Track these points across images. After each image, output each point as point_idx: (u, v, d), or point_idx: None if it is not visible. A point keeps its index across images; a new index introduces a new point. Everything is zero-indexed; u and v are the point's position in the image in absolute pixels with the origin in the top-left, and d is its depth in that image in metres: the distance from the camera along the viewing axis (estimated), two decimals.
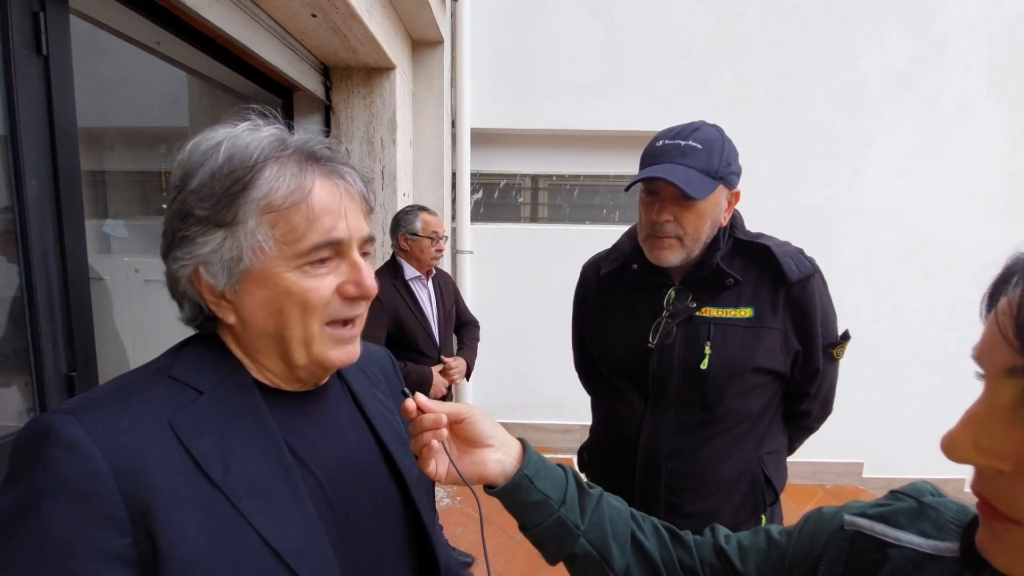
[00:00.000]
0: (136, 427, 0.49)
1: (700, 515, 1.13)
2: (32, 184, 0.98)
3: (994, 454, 0.34)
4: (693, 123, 1.09)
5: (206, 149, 0.54)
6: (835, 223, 3.36)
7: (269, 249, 0.53)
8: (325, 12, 1.82)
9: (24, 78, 0.96)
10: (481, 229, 3.56)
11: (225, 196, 0.52)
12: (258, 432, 0.55)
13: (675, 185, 0.99)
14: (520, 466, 0.63)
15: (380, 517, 0.65)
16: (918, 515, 0.48)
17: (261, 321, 0.56)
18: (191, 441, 0.50)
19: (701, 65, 3.30)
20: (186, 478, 0.49)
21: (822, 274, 1.15)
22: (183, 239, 0.54)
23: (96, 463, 0.46)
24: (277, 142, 0.55)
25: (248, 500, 0.51)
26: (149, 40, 1.58)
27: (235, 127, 0.56)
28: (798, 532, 0.58)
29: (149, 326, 2.32)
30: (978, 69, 3.23)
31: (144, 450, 0.48)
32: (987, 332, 0.36)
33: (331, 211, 0.55)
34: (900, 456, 3.46)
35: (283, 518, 0.52)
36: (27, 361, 1.01)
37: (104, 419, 0.48)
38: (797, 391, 1.18)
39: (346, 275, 0.57)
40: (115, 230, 2.64)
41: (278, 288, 0.54)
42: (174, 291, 0.58)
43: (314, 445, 0.60)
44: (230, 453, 0.52)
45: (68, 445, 0.45)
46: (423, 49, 2.94)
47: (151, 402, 0.51)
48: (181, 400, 0.52)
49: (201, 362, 0.56)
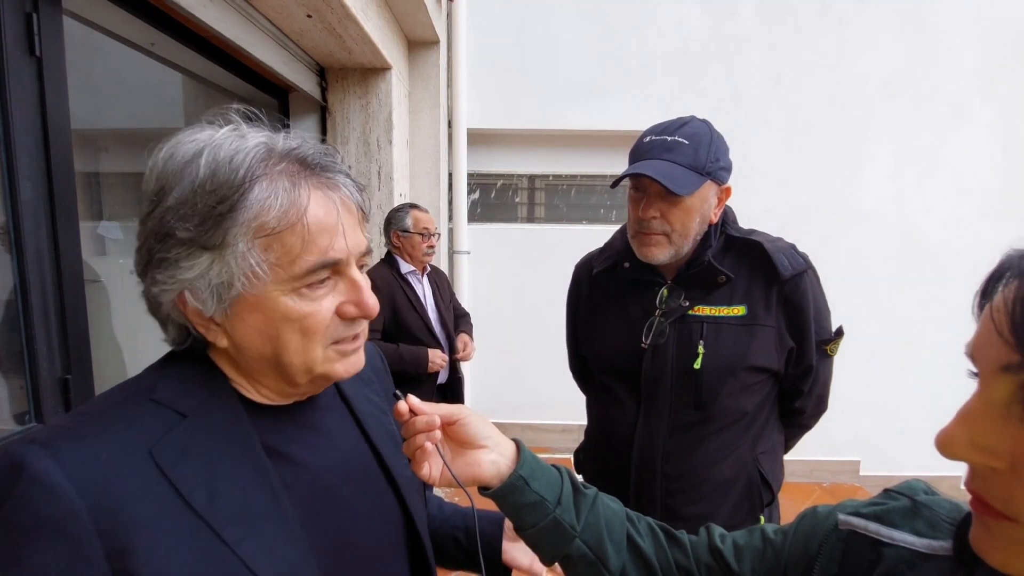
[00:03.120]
0: (115, 459, 0.46)
1: (697, 517, 1.11)
2: (26, 186, 0.98)
3: (988, 451, 0.34)
4: (682, 118, 1.08)
5: (184, 159, 0.48)
6: (829, 222, 3.37)
7: (263, 273, 0.49)
8: (320, 12, 1.82)
9: (17, 79, 0.96)
10: (478, 229, 3.56)
11: (211, 217, 0.47)
12: (244, 455, 0.52)
13: (658, 181, 0.99)
14: (515, 467, 0.62)
15: (375, 523, 0.63)
16: (912, 514, 0.48)
17: (257, 347, 0.52)
18: (173, 470, 0.48)
19: (696, 65, 3.31)
20: (168, 509, 0.47)
21: (815, 270, 1.14)
22: (163, 261, 0.49)
23: (71, 503, 0.43)
24: (265, 153, 0.50)
25: (233, 528, 0.49)
26: (143, 41, 1.58)
27: (216, 131, 0.50)
28: (793, 531, 0.58)
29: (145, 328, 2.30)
30: (970, 69, 3.26)
31: (123, 483, 0.46)
32: (981, 329, 0.36)
33: (328, 229, 0.51)
34: (896, 453, 3.48)
35: (270, 544, 0.50)
36: (21, 364, 1.01)
37: (80, 452, 0.46)
38: (791, 389, 1.17)
39: (345, 294, 0.54)
40: (110, 232, 2.63)
41: (275, 313, 0.51)
42: (155, 312, 0.54)
43: (307, 454, 0.58)
44: (215, 478, 0.50)
45: (41, 483, 0.43)
46: (419, 49, 2.94)
47: (132, 429, 0.49)
48: (163, 425, 0.50)
49: (185, 381, 0.53)
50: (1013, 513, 0.34)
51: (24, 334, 1.00)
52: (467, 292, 3.48)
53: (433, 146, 3.04)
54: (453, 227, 3.43)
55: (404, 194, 2.82)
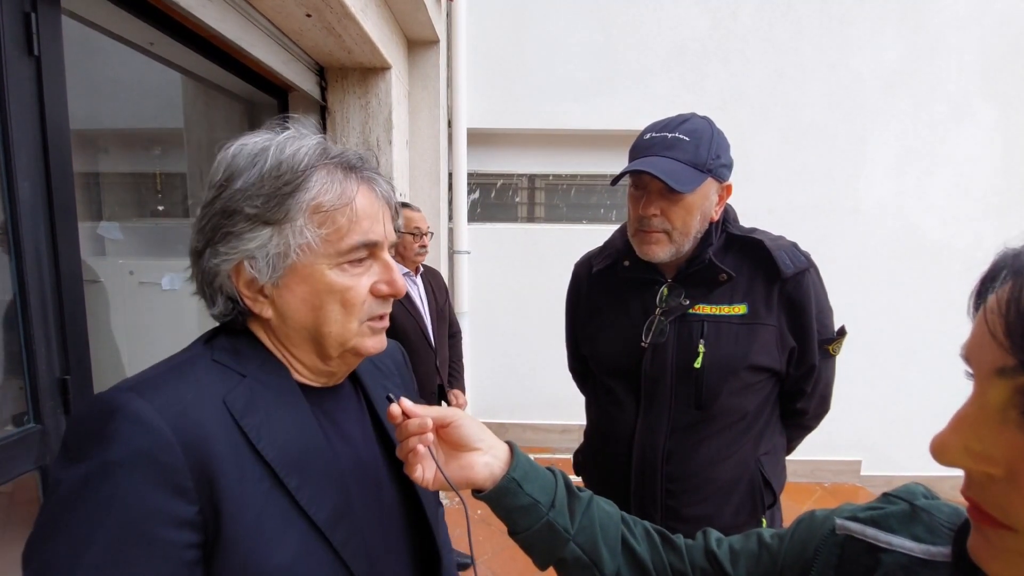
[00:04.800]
0: (197, 403, 0.52)
1: (699, 519, 1.10)
2: (24, 186, 0.97)
3: (984, 458, 0.33)
4: (683, 115, 1.07)
5: (253, 152, 0.57)
6: (830, 221, 3.37)
7: (315, 246, 0.57)
8: (320, 12, 1.81)
9: (16, 79, 0.95)
10: (478, 229, 3.55)
11: (276, 195, 0.56)
12: (297, 414, 0.59)
13: (659, 179, 0.98)
14: (508, 469, 0.62)
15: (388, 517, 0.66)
16: (910, 518, 0.47)
17: (301, 316, 0.59)
18: (243, 418, 0.54)
19: (696, 64, 3.30)
20: (240, 453, 0.53)
21: (817, 269, 1.13)
22: (228, 235, 0.57)
23: (165, 435, 0.48)
24: (322, 150, 0.59)
25: (292, 476, 0.55)
26: (142, 41, 1.58)
27: (278, 134, 0.59)
28: (790, 536, 0.58)
29: (144, 328, 2.31)
30: (971, 67, 3.25)
31: (205, 423, 0.51)
32: (975, 330, 0.35)
33: (370, 215, 0.60)
34: (898, 453, 3.48)
35: (319, 492, 0.57)
36: (20, 364, 1.01)
37: (165, 394, 0.51)
38: (793, 389, 1.16)
39: (378, 275, 0.62)
40: (110, 232, 2.63)
41: (321, 283, 0.58)
42: (207, 286, 0.60)
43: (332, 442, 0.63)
44: (275, 432, 0.56)
45: (137, 419, 0.48)
46: (419, 49, 2.93)
47: (205, 380, 0.55)
48: (229, 381, 0.56)
49: (237, 351, 0.59)
50: (1011, 522, 0.33)
51: (23, 335, 1.00)
52: (467, 292, 3.48)
53: (433, 146, 3.04)
54: (453, 227, 3.43)
55: (404, 194, 2.82)
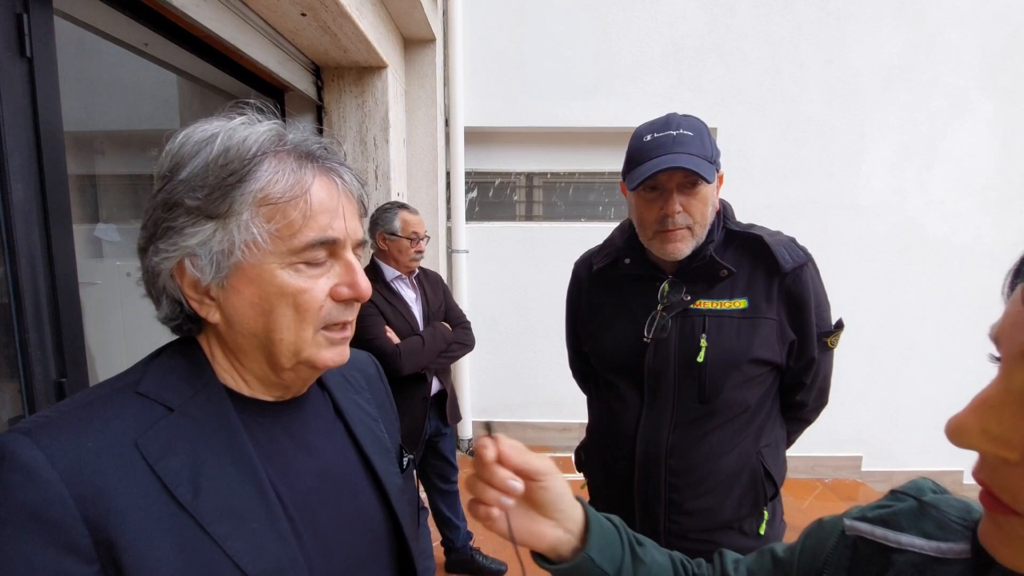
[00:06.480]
0: (100, 448, 0.46)
1: (701, 511, 1.12)
2: (17, 188, 0.97)
3: (1002, 442, 0.32)
4: (669, 115, 1.08)
5: (200, 140, 0.52)
6: (829, 217, 3.37)
7: (263, 243, 0.51)
8: (315, 11, 1.80)
9: (8, 81, 0.95)
10: (476, 228, 3.55)
11: (220, 187, 0.50)
12: (231, 450, 0.52)
13: (694, 172, 1.00)
14: (583, 546, 0.57)
15: (360, 530, 0.62)
16: (919, 515, 0.47)
17: (249, 321, 0.53)
18: (159, 463, 0.48)
19: (694, 61, 3.30)
20: (154, 502, 0.47)
21: (815, 263, 1.15)
22: (168, 230, 0.51)
23: (55, 488, 0.43)
24: (276, 136, 0.53)
25: (220, 524, 0.49)
26: (136, 42, 1.56)
27: (230, 120, 0.53)
28: (801, 547, 0.57)
29: (141, 330, 2.30)
30: (970, 62, 3.24)
31: (108, 473, 0.46)
32: (1009, 310, 0.34)
33: (329, 209, 0.53)
34: (898, 449, 3.48)
35: (257, 540, 0.50)
36: (16, 367, 1.00)
37: (64, 440, 0.45)
38: (793, 381, 1.18)
39: (339, 277, 0.55)
40: (107, 234, 2.62)
41: (271, 286, 0.52)
42: (151, 286, 0.54)
43: (292, 459, 0.58)
44: (201, 474, 0.49)
45: (25, 469, 0.43)
46: (415, 47, 2.92)
47: (117, 421, 0.48)
48: (149, 418, 0.50)
49: (172, 374, 0.53)
50: (1022, 509, 0.33)
51: (18, 338, 0.99)
52: (465, 291, 3.47)
53: (430, 145, 3.03)
54: (451, 226, 3.42)
55: (402, 193, 2.81)
